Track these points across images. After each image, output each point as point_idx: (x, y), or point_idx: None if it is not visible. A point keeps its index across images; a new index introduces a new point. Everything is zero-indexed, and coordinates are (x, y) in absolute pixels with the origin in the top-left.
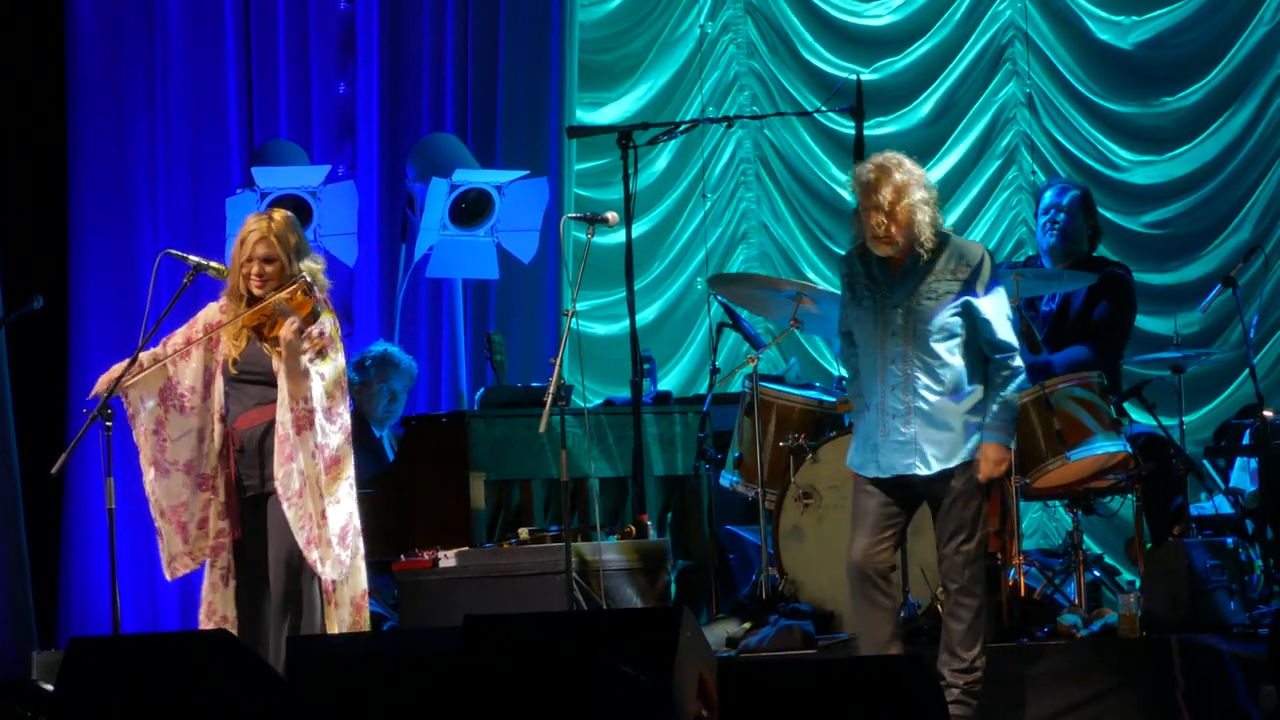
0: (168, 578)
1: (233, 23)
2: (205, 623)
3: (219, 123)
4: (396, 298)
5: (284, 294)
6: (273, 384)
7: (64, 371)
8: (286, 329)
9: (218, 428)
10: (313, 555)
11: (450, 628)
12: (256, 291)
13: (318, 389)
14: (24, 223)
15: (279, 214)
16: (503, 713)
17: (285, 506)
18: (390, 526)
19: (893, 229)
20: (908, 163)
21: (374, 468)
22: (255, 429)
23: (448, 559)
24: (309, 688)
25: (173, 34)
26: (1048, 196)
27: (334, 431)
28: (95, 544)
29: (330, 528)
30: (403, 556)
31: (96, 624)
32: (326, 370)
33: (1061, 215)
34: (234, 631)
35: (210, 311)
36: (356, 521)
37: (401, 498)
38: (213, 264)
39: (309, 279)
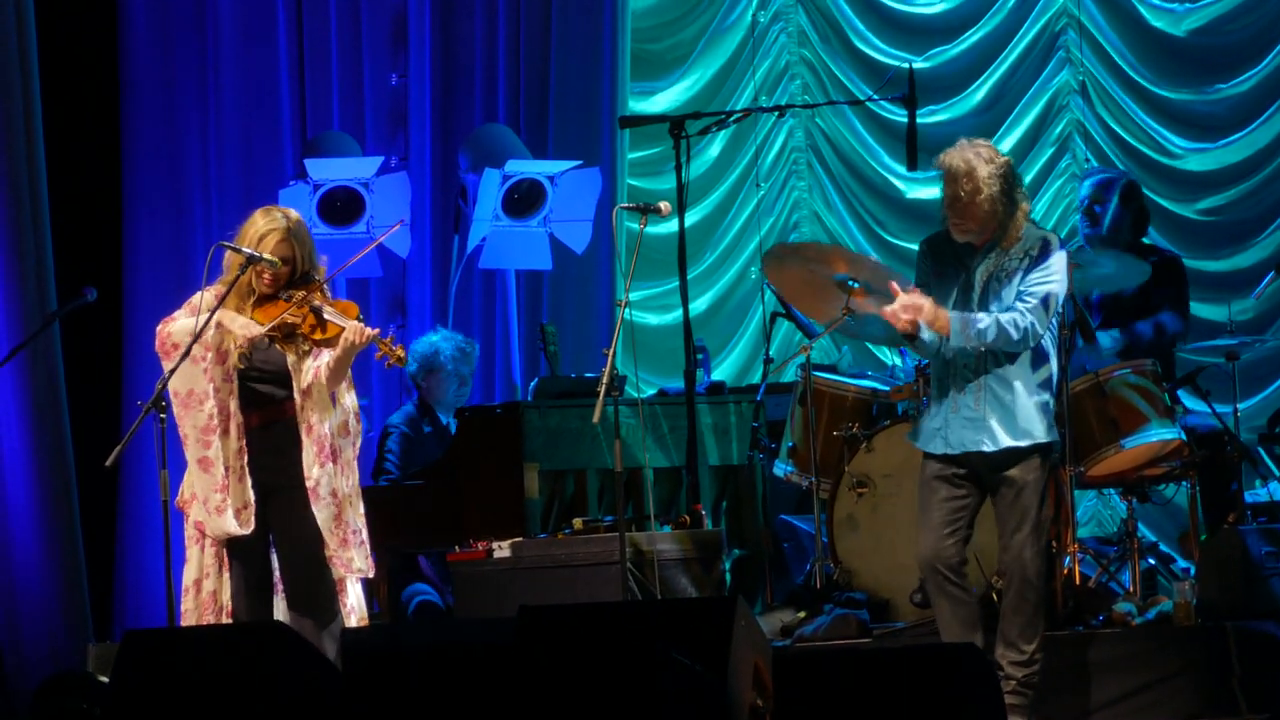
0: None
1: (284, 14)
2: (190, 606)
3: (271, 115)
4: (450, 289)
5: (314, 297)
6: (284, 383)
7: (118, 364)
8: (354, 330)
9: (232, 423)
10: (348, 554)
11: (505, 618)
12: (267, 290)
13: (350, 395)
14: (78, 217)
15: (294, 214)
16: (558, 703)
17: (318, 509)
18: (445, 517)
19: (970, 220)
20: (988, 150)
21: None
22: (273, 426)
23: (502, 550)
24: (363, 679)
25: (224, 26)
26: (1082, 190)
27: (346, 429)
28: (150, 536)
29: (346, 526)
30: (457, 547)
31: (152, 616)
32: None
33: (1097, 206)
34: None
35: (209, 299)
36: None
37: (456, 489)
38: (266, 257)
39: (321, 281)
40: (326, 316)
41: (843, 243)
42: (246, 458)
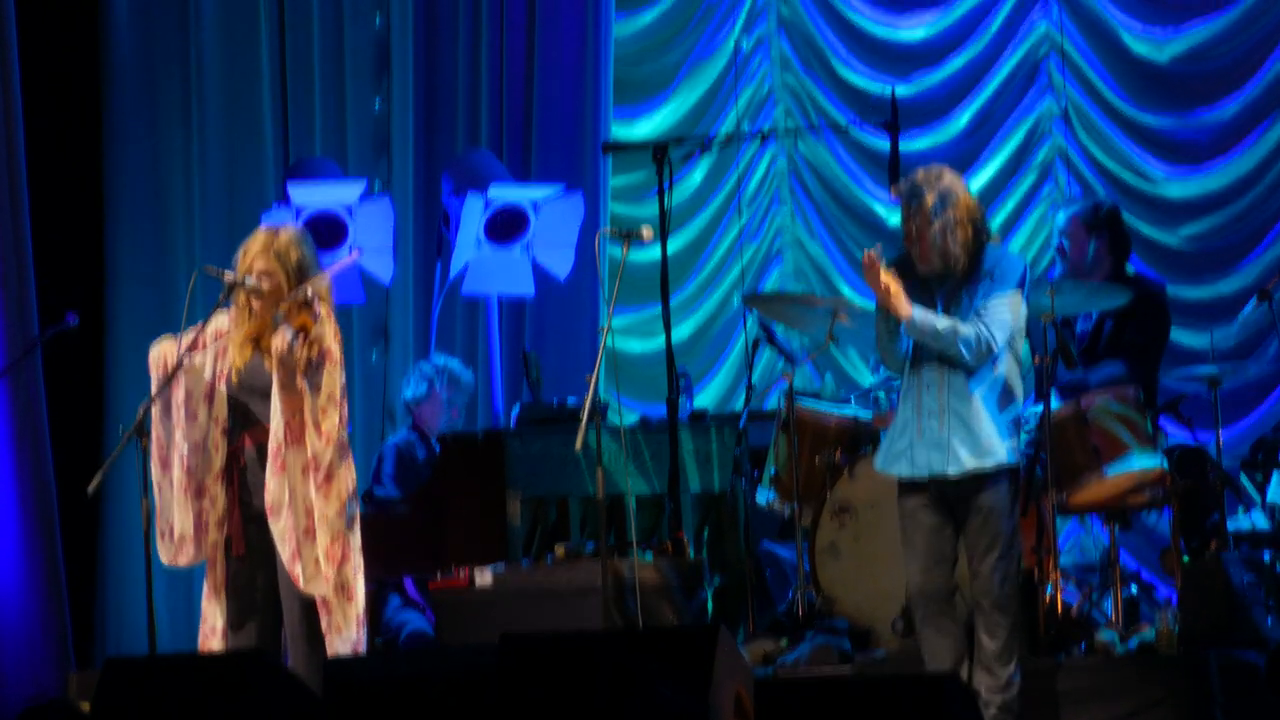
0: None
1: (267, 39)
2: (202, 632)
3: (254, 139)
4: (432, 315)
5: (282, 306)
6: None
7: (100, 389)
8: (276, 341)
9: (220, 440)
10: (295, 570)
11: (487, 646)
12: (256, 306)
13: (312, 404)
14: (60, 240)
15: (285, 230)
16: None
17: (272, 520)
18: (427, 544)
19: (923, 250)
20: (944, 180)
21: None
22: (264, 444)
23: (484, 577)
24: (345, 708)
25: (207, 50)
26: (1058, 221)
27: (325, 448)
28: (132, 563)
29: (318, 544)
30: (439, 575)
31: (133, 644)
32: (321, 383)
33: (1065, 241)
34: (222, 645)
35: (220, 320)
36: (354, 540)
37: (438, 516)
38: (248, 280)
39: (309, 293)
40: (275, 325)
41: (825, 268)
42: (224, 484)
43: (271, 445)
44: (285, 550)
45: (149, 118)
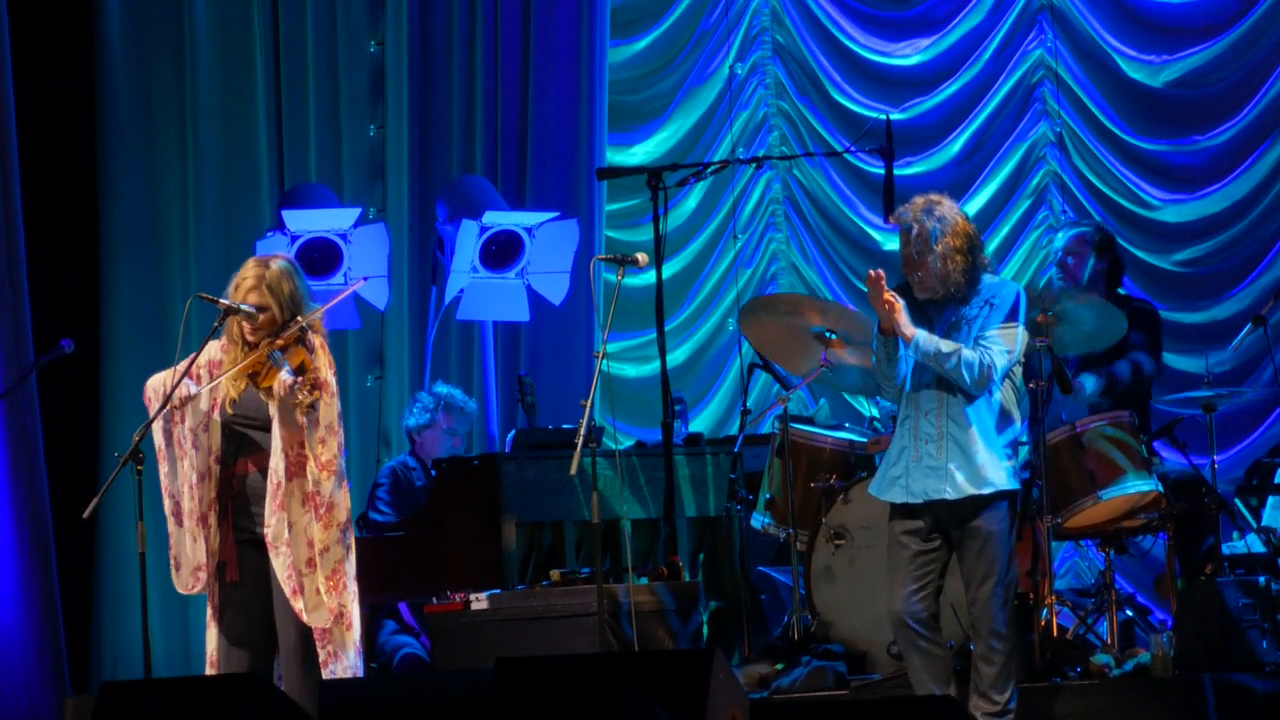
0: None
1: (262, 65)
2: (207, 657)
3: (249, 166)
4: (427, 340)
5: (278, 342)
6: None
7: (95, 415)
8: (279, 382)
9: (214, 468)
10: (297, 604)
11: (483, 670)
12: (250, 338)
13: (310, 436)
14: (56, 267)
15: (276, 262)
16: None
17: (273, 554)
18: (422, 569)
19: (921, 275)
20: (941, 208)
21: None
22: (259, 474)
23: (480, 601)
24: None
25: (202, 78)
26: (1056, 241)
27: (325, 478)
28: (127, 588)
29: (319, 575)
30: (435, 599)
31: (129, 669)
32: (319, 416)
33: (1070, 259)
34: (215, 671)
35: (212, 350)
36: (350, 567)
37: (433, 541)
38: (244, 307)
39: (303, 326)
40: (274, 365)
41: (820, 293)
42: (218, 511)
43: (272, 481)
44: (287, 585)
45: (145, 144)
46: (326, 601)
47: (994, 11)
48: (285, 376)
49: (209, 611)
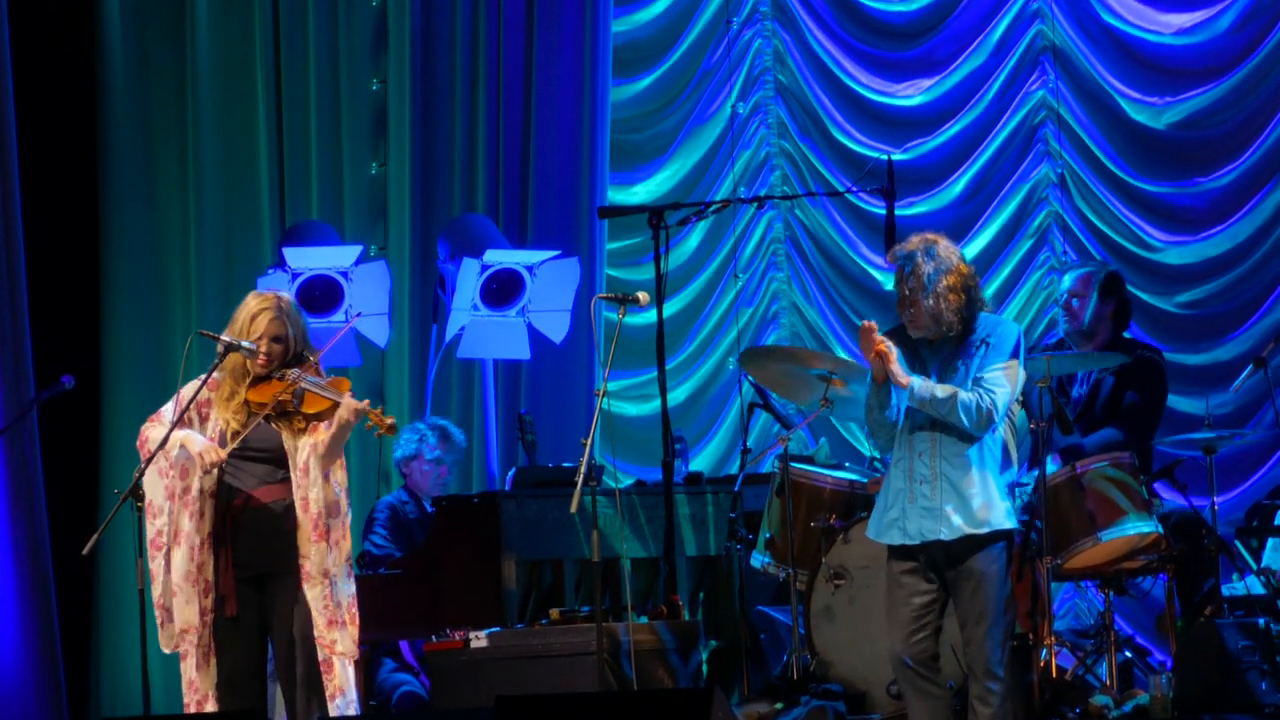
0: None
1: (264, 102)
2: (188, 700)
3: (251, 203)
4: (428, 378)
5: (323, 381)
6: (280, 463)
7: (95, 452)
8: (346, 407)
9: (208, 504)
10: (332, 635)
11: (482, 709)
12: (261, 370)
13: (341, 472)
14: (57, 303)
15: (285, 296)
16: None
17: (308, 586)
18: (422, 607)
19: (913, 314)
20: (937, 248)
21: None
22: (269, 507)
23: (479, 639)
24: None
25: (204, 116)
26: (1062, 283)
27: (347, 509)
28: (126, 625)
29: (343, 607)
30: (434, 637)
31: (127, 705)
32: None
33: (1075, 300)
34: (215, 707)
35: (189, 389)
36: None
37: (433, 578)
38: (244, 344)
39: (315, 361)
40: (318, 392)
41: (821, 333)
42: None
43: (311, 511)
44: (322, 616)
45: (146, 181)
46: (352, 633)
47: (996, 53)
48: (353, 401)
49: (196, 655)
